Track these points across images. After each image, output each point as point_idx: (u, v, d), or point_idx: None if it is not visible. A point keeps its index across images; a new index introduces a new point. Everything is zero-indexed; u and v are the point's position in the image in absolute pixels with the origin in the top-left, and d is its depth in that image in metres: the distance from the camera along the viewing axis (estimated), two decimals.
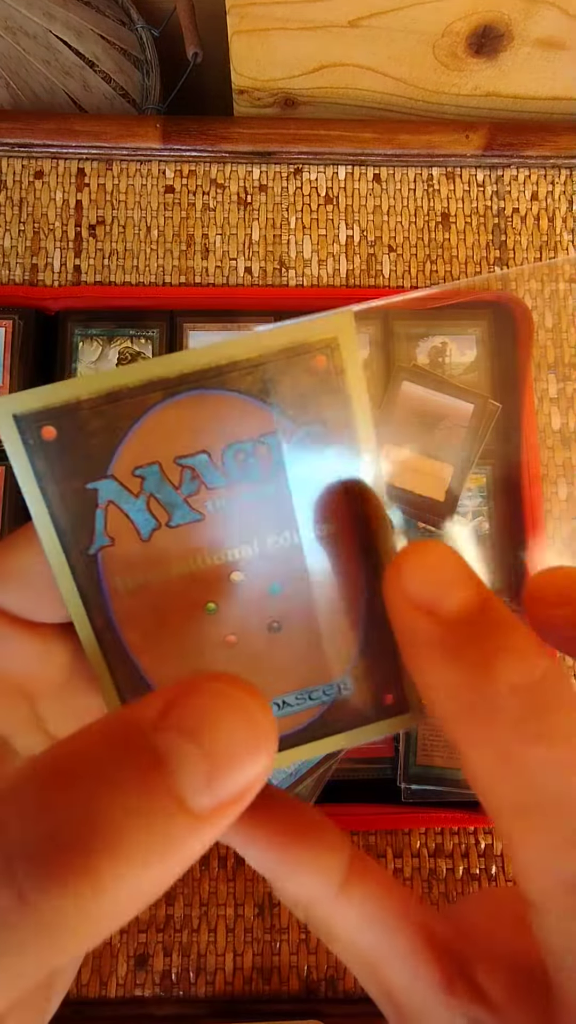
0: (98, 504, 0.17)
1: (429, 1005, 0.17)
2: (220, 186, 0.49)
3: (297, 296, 0.47)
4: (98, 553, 0.17)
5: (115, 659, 0.17)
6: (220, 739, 0.13)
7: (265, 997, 0.39)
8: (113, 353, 0.45)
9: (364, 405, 0.17)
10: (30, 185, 0.49)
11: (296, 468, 0.17)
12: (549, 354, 0.48)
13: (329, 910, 0.17)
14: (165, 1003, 0.39)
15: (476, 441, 0.43)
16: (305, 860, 0.17)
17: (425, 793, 0.40)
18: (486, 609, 0.15)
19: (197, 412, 0.16)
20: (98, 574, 0.17)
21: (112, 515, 0.17)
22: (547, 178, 0.50)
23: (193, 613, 0.17)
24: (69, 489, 0.16)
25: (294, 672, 0.18)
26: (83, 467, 0.16)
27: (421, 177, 0.50)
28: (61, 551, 0.17)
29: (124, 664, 0.17)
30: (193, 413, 0.16)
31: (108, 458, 0.16)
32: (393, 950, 0.17)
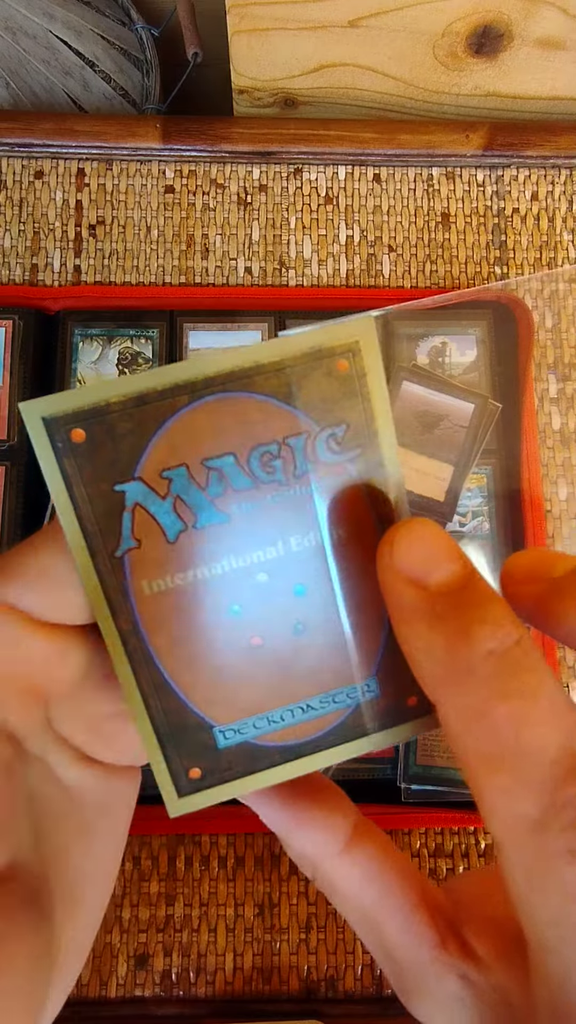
0: (125, 507, 0.17)
1: (423, 960, 0.18)
2: (220, 186, 0.49)
3: (297, 296, 0.47)
4: (124, 556, 0.17)
5: (139, 662, 0.17)
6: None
7: (265, 997, 0.39)
8: (113, 353, 0.45)
9: (385, 409, 0.18)
10: (30, 185, 0.49)
11: (320, 470, 0.17)
12: (549, 354, 0.48)
13: (334, 867, 0.19)
14: (165, 1003, 0.39)
15: (476, 441, 0.43)
16: (314, 819, 0.19)
17: (425, 793, 0.40)
18: (469, 583, 0.16)
19: (223, 415, 0.17)
20: (124, 576, 0.17)
21: (139, 517, 0.17)
22: (547, 178, 0.50)
23: (218, 615, 0.18)
24: (97, 491, 0.17)
25: (318, 675, 0.18)
26: (111, 469, 0.17)
27: (421, 177, 0.50)
28: (87, 553, 0.17)
29: (148, 666, 0.17)
30: (219, 416, 0.17)
31: (136, 460, 0.17)
32: (391, 907, 0.18)
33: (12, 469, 0.43)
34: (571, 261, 0.49)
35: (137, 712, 0.18)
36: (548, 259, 0.49)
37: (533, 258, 0.49)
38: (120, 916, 0.40)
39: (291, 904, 0.40)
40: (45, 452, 0.16)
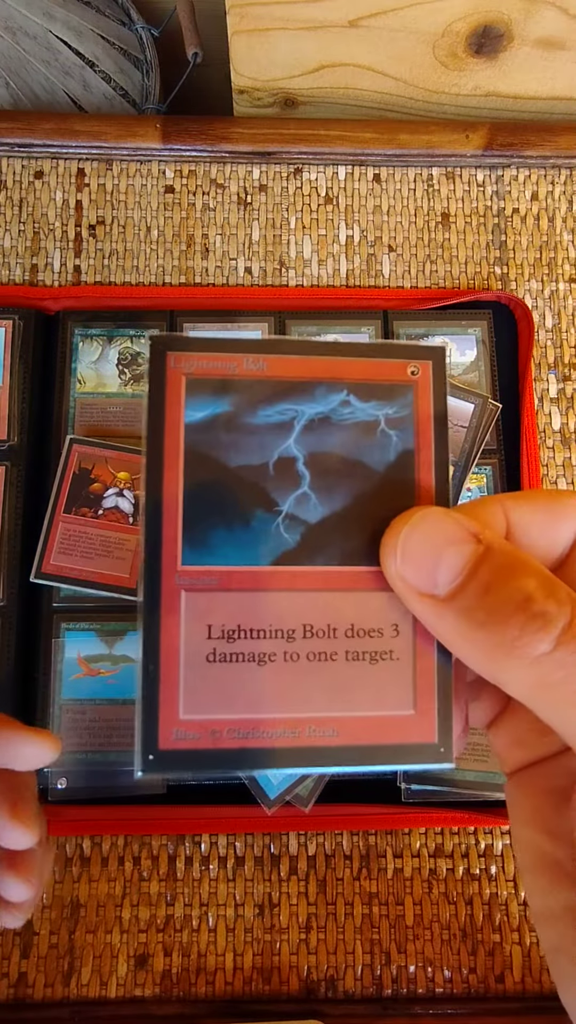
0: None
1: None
2: (220, 186, 0.49)
3: (297, 296, 0.47)
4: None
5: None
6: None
7: (265, 997, 0.39)
8: (113, 353, 0.45)
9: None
10: (30, 185, 0.49)
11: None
12: (549, 354, 0.48)
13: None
14: (165, 1003, 0.39)
15: (476, 441, 0.43)
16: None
17: (425, 793, 0.40)
18: (486, 559, 0.17)
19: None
20: None
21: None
22: (547, 178, 0.50)
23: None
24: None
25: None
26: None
27: (421, 177, 0.50)
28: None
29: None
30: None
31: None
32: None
33: (12, 469, 0.43)
34: (571, 261, 0.49)
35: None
36: (548, 259, 0.49)
37: (533, 258, 0.49)
38: (120, 916, 0.40)
39: (291, 904, 0.40)
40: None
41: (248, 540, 0.19)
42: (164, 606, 0.19)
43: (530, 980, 0.40)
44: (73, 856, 0.41)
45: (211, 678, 0.19)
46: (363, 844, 0.41)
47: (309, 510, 0.19)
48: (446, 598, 0.17)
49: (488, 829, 0.42)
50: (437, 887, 0.41)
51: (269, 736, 0.18)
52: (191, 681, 0.18)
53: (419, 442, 0.20)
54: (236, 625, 0.19)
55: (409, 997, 0.39)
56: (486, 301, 0.47)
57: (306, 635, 0.19)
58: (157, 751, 0.18)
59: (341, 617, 0.19)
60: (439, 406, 0.20)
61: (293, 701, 0.19)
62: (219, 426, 0.19)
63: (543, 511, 0.19)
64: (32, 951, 0.40)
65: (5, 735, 0.27)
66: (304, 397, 0.19)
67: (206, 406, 0.19)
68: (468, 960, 0.40)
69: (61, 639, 0.41)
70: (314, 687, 0.19)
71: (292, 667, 0.19)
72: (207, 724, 0.18)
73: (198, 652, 0.19)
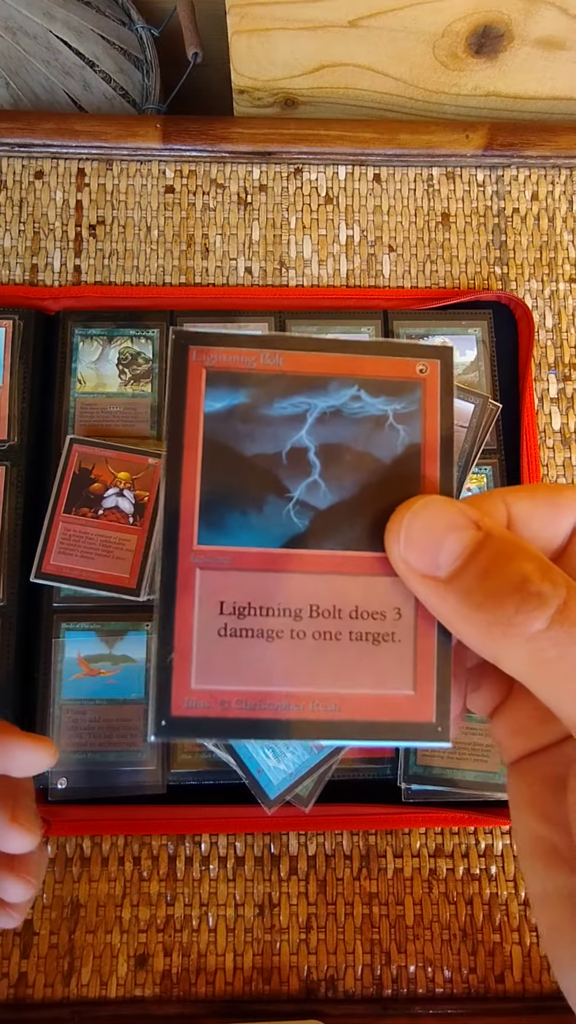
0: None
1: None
2: (220, 186, 0.49)
3: (297, 296, 0.47)
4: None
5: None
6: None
7: (265, 997, 0.39)
8: (113, 353, 0.45)
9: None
10: (30, 185, 0.49)
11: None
12: (549, 354, 0.48)
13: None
14: (165, 1003, 0.39)
15: (476, 441, 0.43)
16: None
17: (425, 793, 0.40)
18: (485, 545, 0.18)
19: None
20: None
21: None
22: (547, 178, 0.50)
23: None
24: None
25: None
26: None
27: (421, 177, 0.50)
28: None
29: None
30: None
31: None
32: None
33: (12, 469, 0.43)
34: (571, 261, 0.49)
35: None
36: (548, 259, 0.49)
37: (533, 258, 0.49)
38: (120, 916, 0.40)
39: (291, 904, 0.40)
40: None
41: (260, 524, 0.20)
42: (180, 583, 0.20)
43: (530, 980, 0.40)
44: (73, 856, 0.41)
45: (222, 651, 0.20)
46: (363, 844, 0.41)
47: (319, 497, 0.20)
48: (447, 579, 0.18)
49: (488, 829, 0.42)
50: (437, 887, 0.41)
51: (275, 708, 0.20)
52: (203, 653, 0.20)
53: (426, 437, 0.21)
54: (247, 603, 0.20)
55: (409, 997, 0.39)
56: (486, 301, 0.47)
57: (312, 615, 0.20)
58: (170, 717, 0.19)
59: (346, 599, 0.20)
60: (446, 403, 0.21)
61: (298, 676, 0.20)
62: (237, 416, 0.20)
63: (543, 504, 0.20)
64: (32, 951, 0.40)
65: (3, 742, 0.27)
66: (317, 391, 0.21)
67: (225, 397, 0.20)
68: (468, 960, 0.40)
69: (61, 639, 0.41)
70: (319, 664, 0.20)
71: (298, 644, 0.20)
72: (217, 694, 0.20)
73: (210, 626, 0.20)
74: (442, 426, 0.21)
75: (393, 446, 0.21)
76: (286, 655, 0.20)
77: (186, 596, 0.20)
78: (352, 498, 0.20)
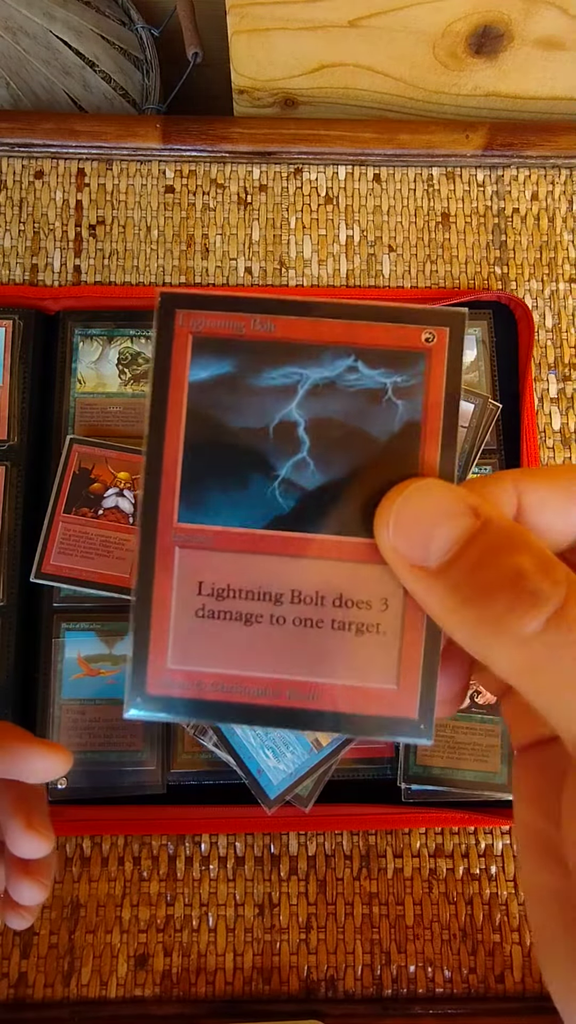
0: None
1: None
2: (220, 186, 0.49)
3: (297, 296, 0.47)
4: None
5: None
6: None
7: (265, 997, 0.39)
8: (113, 353, 0.45)
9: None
10: (30, 185, 0.49)
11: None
12: (549, 354, 0.48)
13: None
14: (165, 1003, 0.39)
15: (476, 441, 0.43)
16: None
17: (425, 793, 0.40)
18: (479, 536, 0.17)
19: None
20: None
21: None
22: (547, 178, 0.50)
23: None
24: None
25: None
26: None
27: (421, 177, 0.50)
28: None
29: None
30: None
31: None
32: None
33: (12, 469, 0.43)
34: (571, 261, 0.49)
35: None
36: (548, 259, 0.49)
37: (533, 258, 0.49)
38: (120, 916, 0.40)
39: (291, 904, 0.40)
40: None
41: (243, 502, 0.19)
42: (159, 560, 0.19)
43: (530, 980, 0.40)
44: (73, 856, 0.41)
45: (199, 632, 0.19)
46: (363, 844, 0.41)
47: (306, 477, 0.19)
48: (436, 571, 0.17)
49: (488, 829, 0.42)
50: (437, 887, 0.41)
51: (250, 693, 0.19)
52: (180, 633, 0.19)
53: (427, 414, 0.19)
54: (226, 584, 0.19)
55: (409, 997, 0.39)
56: (486, 301, 0.47)
57: (294, 600, 0.19)
58: (145, 695, 0.19)
59: (330, 586, 0.19)
60: (453, 376, 0.19)
61: (276, 663, 0.19)
62: (222, 386, 0.19)
63: (562, 491, 0.18)
64: (32, 951, 0.40)
65: (18, 748, 0.27)
66: (310, 361, 0.19)
67: (211, 365, 0.19)
68: (468, 960, 0.40)
69: (61, 639, 0.41)
70: (298, 652, 0.19)
71: (277, 630, 0.19)
72: (193, 675, 0.19)
73: (188, 606, 0.19)
74: (447, 402, 0.19)
75: (390, 423, 0.19)
76: (264, 640, 0.19)
77: (164, 575, 0.19)
78: (342, 479, 0.19)
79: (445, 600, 0.17)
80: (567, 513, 0.18)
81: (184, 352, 0.19)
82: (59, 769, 0.28)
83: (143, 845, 0.41)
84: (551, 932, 0.18)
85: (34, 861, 0.28)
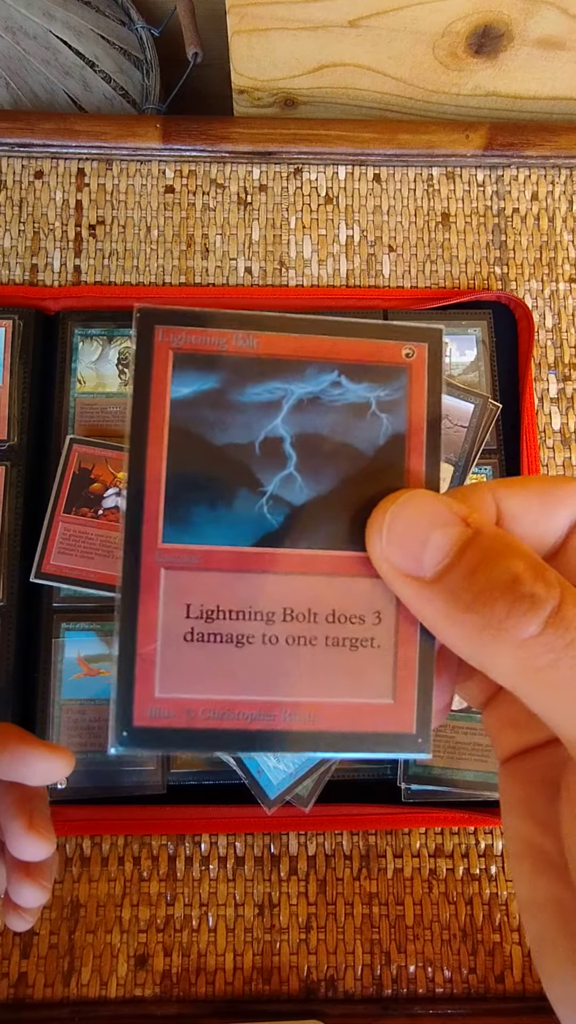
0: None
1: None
2: (220, 186, 0.49)
3: (297, 296, 0.47)
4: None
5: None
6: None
7: (265, 997, 0.39)
8: (113, 353, 0.45)
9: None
10: (30, 185, 0.49)
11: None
12: (549, 354, 0.48)
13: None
14: (165, 1003, 0.39)
15: (476, 441, 0.43)
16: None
17: (425, 793, 0.40)
18: (472, 544, 0.17)
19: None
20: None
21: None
22: (547, 178, 0.50)
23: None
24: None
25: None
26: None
27: (421, 177, 0.50)
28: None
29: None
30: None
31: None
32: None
33: (12, 469, 0.43)
34: (571, 261, 0.49)
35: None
36: (548, 259, 0.49)
37: (533, 258, 0.49)
38: (120, 916, 0.40)
39: (291, 904, 0.40)
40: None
41: (231, 520, 0.19)
42: (143, 583, 0.19)
43: (530, 980, 0.40)
44: (73, 856, 0.41)
45: (188, 657, 0.18)
46: (363, 844, 0.41)
47: (294, 492, 0.19)
48: (432, 580, 0.17)
49: (488, 829, 0.42)
50: (437, 887, 0.41)
51: (244, 718, 0.18)
52: (168, 659, 0.18)
53: (411, 426, 0.19)
54: (215, 605, 0.19)
55: (409, 997, 0.39)
56: (486, 301, 0.47)
57: (286, 618, 0.19)
58: (131, 727, 0.18)
59: (322, 602, 0.19)
60: (433, 390, 0.19)
61: (270, 684, 0.18)
62: (206, 403, 0.19)
63: (536, 498, 0.19)
64: (32, 951, 0.40)
65: (20, 750, 0.27)
66: (294, 376, 0.19)
67: (193, 382, 0.19)
68: (468, 960, 0.40)
69: (61, 639, 0.41)
70: (292, 671, 0.19)
71: (270, 650, 0.19)
72: (182, 703, 0.18)
73: (176, 631, 0.19)
74: (428, 414, 0.19)
75: (375, 436, 0.19)
76: (257, 661, 0.18)
77: (150, 598, 0.19)
78: (330, 493, 0.19)
79: (443, 608, 0.17)
80: (544, 518, 0.18)
81: (165, 369, 0.19)
82: (61, 771, 0.28)
83: (143, 845, 0.41)
84: (551, 942, 0.18)
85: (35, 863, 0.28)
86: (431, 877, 0.41)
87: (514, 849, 0.19)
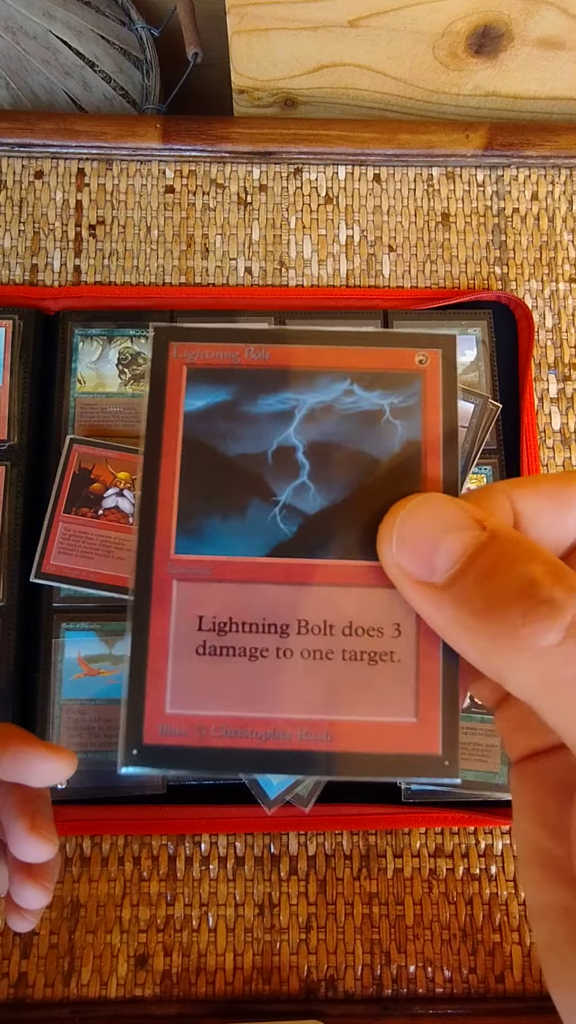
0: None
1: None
2: (220, 186, 0.49)
3: (297, 296, 0.47)
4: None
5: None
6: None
7: (265, 997, 0.39)
8: (113, 353, 0.45)
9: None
10: (30, 185, 0.49)
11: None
12: (549, 354, 0.48)
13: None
14: (165, 1003, 0.39)
15: (476, 441, 0.43)
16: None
17: (425, 793, 0.40)
18: (487, 549, 0.16)
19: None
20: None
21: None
22: (547, 178, 0.50)
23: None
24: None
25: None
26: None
27: (421, 177, 0.50)
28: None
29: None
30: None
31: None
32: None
33: (12, 469, 0.43)
34: (571, 261, 0.49)
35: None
36: (548, 259, 0.49)
37: (533, 258, 0.49)
38: (120, 916, 0.40)
39: (291, 904, 0.40)
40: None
41: (244, 530, 0.18)
42: (155, 595, 0.18)
43: (530, 980, 0.40)
44: (73, 856, 0.41)
45: (200, 672, 0.18)
46: (363, 844, 0.41)
47: (308, 501, 0.19)
48: (443, 585, 0.16)
49: (488, 829, 0.42)
50: (437, 887, 0.41)
51: (258, 737, 0.18)
52: (179, 674, 0.18)
53: (427, 432, 0.19)
54: (228, 617, 0.18)
55: (409, 997, 0.39)
56: (486, 301, 0.47)
57: (301, 631, 0.18)
58: (141, 746, 0.18)
59: (339, 613, 0.18)
60: (448, 395, 0.19)
61: (285, 701, 0.18)
62: (218, 415, 0.19)
63: (549, 499, 0.18)
64: (32, 951, 0.40)
65: (23, 751, 0.27)
66: (306, 386, 0.19)
67: (206, 395, 0.19)
68: (468, 960, 0.40)
69: (61, 639, 0.41)
70: (308, 687, 0.18)
71: (285, 664, 0.18)
72: (194, 720, 0.18)
73: (188, 644, 0.18)
74: (444, 420, 0.19)
75: (390, 443, 0.19)
76: (271, 676, 0.18)
77: (161, 610, 0.18)
78: (344, 501, 0.18)
79: (455, 615, 0.16)
80: (559, 519, 0.18)
81: (179, 383, 0.19)
82: (64, 773, 0.27)
83: (143, 845, 0.41)
84: (559, 950, 0.17)
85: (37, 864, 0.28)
86: (431, 877, 0.41)
87: (524, 853, 0.18)
